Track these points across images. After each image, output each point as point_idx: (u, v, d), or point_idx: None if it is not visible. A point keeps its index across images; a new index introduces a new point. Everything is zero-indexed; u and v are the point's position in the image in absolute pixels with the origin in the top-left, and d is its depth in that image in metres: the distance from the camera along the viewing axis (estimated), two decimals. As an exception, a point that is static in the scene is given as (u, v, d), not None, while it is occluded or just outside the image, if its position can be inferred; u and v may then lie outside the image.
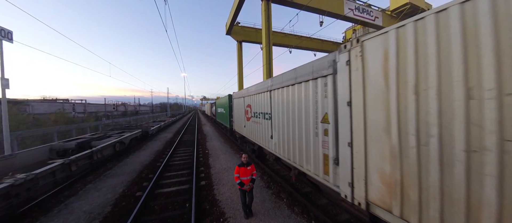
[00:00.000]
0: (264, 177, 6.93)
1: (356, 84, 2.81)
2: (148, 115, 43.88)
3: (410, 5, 20.49)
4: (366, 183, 2.70)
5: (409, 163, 2.19)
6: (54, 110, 30.10)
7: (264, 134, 6.68)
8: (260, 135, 7.15)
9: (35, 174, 5.21)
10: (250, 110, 8.24)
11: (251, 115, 8.12)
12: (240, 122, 10.19)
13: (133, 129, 14.24)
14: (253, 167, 4.47)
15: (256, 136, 7.58)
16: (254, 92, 7.54)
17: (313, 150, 4.01)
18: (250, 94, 8.13)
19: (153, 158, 9.94)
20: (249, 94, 8.27)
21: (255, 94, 7.41)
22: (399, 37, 2.27)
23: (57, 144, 8.74)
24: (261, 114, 6.92)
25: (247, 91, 8.60)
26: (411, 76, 2.15)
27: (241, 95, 9.62)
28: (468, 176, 1.77)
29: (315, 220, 4.38)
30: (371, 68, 2.58)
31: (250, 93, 8.11)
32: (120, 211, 4.95)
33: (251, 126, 8.19)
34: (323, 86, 3.65)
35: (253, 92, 7.66)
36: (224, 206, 5.03)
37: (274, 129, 5.78)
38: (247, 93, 8.59)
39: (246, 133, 9.04)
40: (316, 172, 3.94)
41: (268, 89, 6.13)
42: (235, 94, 11.50)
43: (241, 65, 25.48)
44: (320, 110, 3.77)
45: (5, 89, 8.73)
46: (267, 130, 6.32)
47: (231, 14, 20.09)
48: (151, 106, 75.81)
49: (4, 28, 8.83)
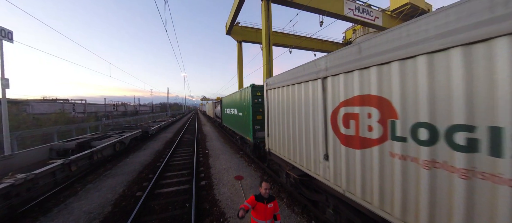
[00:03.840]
0: (264, 177, 6.93)
1: None
2: (148, 114, 43.87)
3: (410, 5, 20.51)
4: None
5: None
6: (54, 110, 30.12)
7: (314, 152, 4.12)
8: (306, 153, 4.39)
9: (35, 174, 5.21)
10: (290, 111, 5.02)
11: (291, 118, 4.97)
12: (279, 133, 5.67)
13: (133, 129, 14.24)
14: (277, 205, 2.83)
15: (300, 155, 4.68)
16: (300, 79, 4.47)
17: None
18: (290, 82, 4.90)
19: (153, 158, 9.94)
20: (292, 81, 4.85)
21: (301, 83, 4.47)
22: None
23: (57, 144, 8.74)
24: (302, 116, 4.39)
25: (293, 76, 4.85)
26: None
27: (284, 81, 5.28)
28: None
29: (315, 220, 4.38)
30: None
31: (296, 77, 4.67)
32: (120, 211, 4.94)
33: (292, 136, 5.00)
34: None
35: (299, 78, 4.50)
36: (224, 206, 5.03)
37: (330, 143, 3.65)
38: (293, 77, 4.84)
39: (288, 153, 5.27)
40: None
41: (320, 75, 3.77)
42: (271, 82, 6.08)
43: (241, 65, 25.50)
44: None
45: (5, 89, 8.73)
46: (317, 144, 3.99)
47: (231, 14, 20.10)
48: (151, 106, 75.83)
49: (4, 28, 8.83)
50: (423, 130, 2.16)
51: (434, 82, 2.07)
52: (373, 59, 2.70)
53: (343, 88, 3.24)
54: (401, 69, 2.37)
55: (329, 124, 3.58)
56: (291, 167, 5.11)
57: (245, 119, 8.86)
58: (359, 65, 2.91)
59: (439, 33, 2.00)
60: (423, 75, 2.14)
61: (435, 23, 2.04)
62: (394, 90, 2.46)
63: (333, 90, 3.46)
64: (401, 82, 2.37)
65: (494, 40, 1.66)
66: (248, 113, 8.45)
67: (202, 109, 73.89)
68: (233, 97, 11.89)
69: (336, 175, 3.51)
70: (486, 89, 1.71)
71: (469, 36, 1.78)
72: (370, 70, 2.76)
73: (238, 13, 19.13)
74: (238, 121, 10.51)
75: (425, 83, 2.13)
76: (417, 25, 2.20)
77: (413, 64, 2.25)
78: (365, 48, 2.83)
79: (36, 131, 14.07)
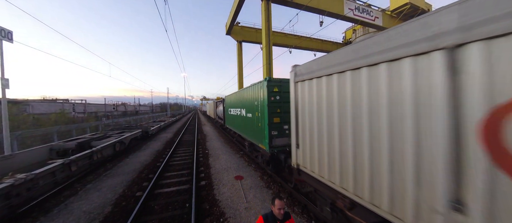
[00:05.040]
0: (264, 177, 6.93)
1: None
2: (148, 114, 43.87)
3: (410, 5, 20.50)
4: None
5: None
6: (54, 111, 30.11)
7: (417, 191, 2.17)
8: (393, 188, 2.44)
9: (35, 174, 5.21)
10: (346, 113, 3.09)
11: (349, 124, 3.05)
12: (320, 145, 3.80)
13: (133, 129, 14.25)
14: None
15: (370, 186, 2.75)
16: (374, 58, 2.60)
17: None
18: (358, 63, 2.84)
19: (153, 158, 9.94)
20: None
21: (377, 64, 2.58)
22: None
23: (57, 144, 8.74)
24: (378, 121, 2.57)
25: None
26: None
27: (331, 66, 3.39)
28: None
29: (315, 220, 4.39)
30: None
31: (361, 57, 2.79)
32: (120, 211, 4.95)
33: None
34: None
35: (372, 57, 2.63)
36: (224, 206, 5.03)
37: (474, 177, 1.76)
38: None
39: (339, 178, 3.32)
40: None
41: (442, 43, 1.92)
42: (303, 70, 4.22)
43: (241, 65, 25.49)
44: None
45: (5, 89, 8.73)
46: (430, 175, 2.06)
47: (231, 14, 20.10)
48: (151, 106, 75.84)
49: (4, 28, 8.83)
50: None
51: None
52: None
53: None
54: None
55: (472, 138, 1.73)
56: (348, 201, 3.14)
57: (257, 121, 7.18)
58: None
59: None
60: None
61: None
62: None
63: (491, 70, 1.61)
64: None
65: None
66: (262, 114, 6.77)
67: (202, 110, 73.92)
68: (239, 96, 10.07)
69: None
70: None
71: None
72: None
73: (238, 13, 19.13)
74: (247, 124, 8.73)
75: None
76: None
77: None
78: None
79: (36, 131, 14.07)
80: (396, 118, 2.34)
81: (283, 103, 6.45)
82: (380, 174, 2.55)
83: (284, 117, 6.44)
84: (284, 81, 6.54)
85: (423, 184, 2.10)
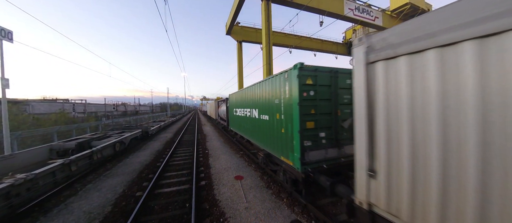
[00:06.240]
0: (264, 177, 6.93)
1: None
2: (148, 114, 43.88)
3: (410, 5, 20.50)
4: None
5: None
6: (54, 111, 30.12)
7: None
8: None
9: (35, 174, 5.20)
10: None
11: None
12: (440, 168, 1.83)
13: (133, 129, 14.24)
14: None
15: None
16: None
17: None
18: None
19: (153, 158, 9.94)
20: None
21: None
22: None
23: (57, 144, 8.73)
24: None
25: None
26: None
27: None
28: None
29: (315, 220, 4.38)
30: None
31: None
32: (120, 211, 4.95)
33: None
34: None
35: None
36: (224, 206, 5.03)
37: None
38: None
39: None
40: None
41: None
42: (391, 39, 2.20)
43: (241, 65, 25.49)
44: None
45: (5, 89, 8.73)
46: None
47: (231, 14, 20.09)
48: (151, 106, 75.87)
49: (4, 28, 8.84)
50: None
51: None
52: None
53: None
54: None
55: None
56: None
57: (278, 126, 5.46)
58: None
59: None
60: None
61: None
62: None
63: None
64: None
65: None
66: (287, 116, 4.96)
67: (202, 110, 73.90)
68: (249, 93, 8.22)
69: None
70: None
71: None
72: None
73: (238, 13, 19.13)
74: (261, 128, 6.92)
75: None
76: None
77: None
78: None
79: (36, 131, 14.07)
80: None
81: (319, 101, 4.69)
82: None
83: (320, 121, 4.70)
84: (321, 70, 4.77)
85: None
